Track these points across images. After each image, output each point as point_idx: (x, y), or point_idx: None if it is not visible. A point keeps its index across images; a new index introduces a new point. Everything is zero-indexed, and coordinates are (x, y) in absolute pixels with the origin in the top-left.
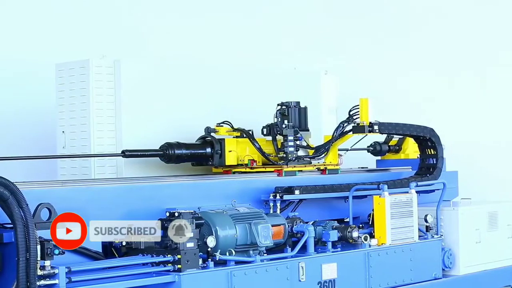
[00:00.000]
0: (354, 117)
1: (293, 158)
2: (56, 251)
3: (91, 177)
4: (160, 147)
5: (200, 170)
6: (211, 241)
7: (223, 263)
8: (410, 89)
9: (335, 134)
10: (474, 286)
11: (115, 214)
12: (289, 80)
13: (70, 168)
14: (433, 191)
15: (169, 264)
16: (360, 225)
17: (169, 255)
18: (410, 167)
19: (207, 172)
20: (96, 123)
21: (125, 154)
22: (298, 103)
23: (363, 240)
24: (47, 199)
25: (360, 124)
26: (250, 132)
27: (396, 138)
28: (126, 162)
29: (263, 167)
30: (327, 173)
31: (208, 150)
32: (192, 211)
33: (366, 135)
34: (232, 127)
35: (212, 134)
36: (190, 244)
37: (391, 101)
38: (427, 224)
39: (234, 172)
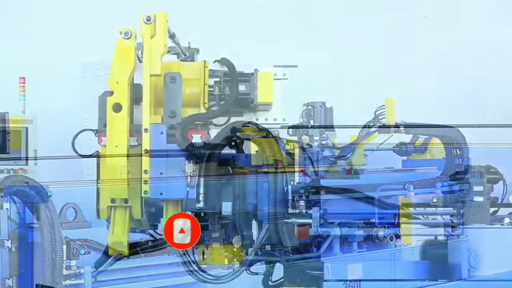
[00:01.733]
0: (380, 117)
1: (319, 158)
2: (82, 251)
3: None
4: (185, 147)
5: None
6: (236, 241)
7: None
8: (430, 90)
9: (360, 134)
10: (500, 287)
11: None
12: (314, 79)
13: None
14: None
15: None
16: (386, 225)
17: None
18: (436, 167)
19: (232, 172)
20: None
21: (150, 153)
22: (323, 103)
23: (388, 240)
24: (73, 199)
25: (386, 124)
26: (276, 132)
27: (422, 138)
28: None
29: (289, 167)
30: (352, 173)
31: (234, 150)
32: (218, 211)
33: (392, 135)
34: (257, 127)
35: (238, 134)
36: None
37: (408, 102)
38: (453, 225)
39: (259, 172)
